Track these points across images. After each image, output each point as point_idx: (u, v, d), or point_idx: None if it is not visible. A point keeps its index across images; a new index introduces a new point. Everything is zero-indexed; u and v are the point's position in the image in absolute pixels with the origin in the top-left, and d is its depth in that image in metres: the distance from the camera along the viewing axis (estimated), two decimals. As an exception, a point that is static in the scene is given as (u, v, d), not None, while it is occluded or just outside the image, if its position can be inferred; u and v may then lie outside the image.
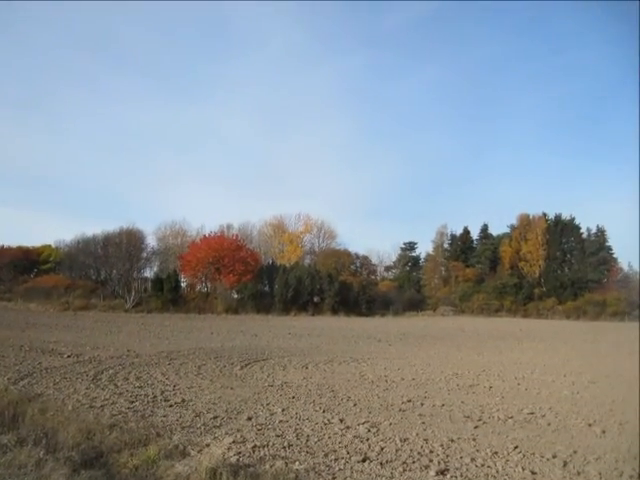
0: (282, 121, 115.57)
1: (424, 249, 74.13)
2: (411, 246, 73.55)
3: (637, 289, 51.10)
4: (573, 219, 65.64)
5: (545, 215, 66.25)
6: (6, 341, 17.37)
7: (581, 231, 65.85)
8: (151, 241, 58.90)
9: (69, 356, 14.48)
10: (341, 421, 7.87)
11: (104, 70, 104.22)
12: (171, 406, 8.62)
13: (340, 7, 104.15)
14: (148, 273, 57.42)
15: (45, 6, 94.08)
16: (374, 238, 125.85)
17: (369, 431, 7.30)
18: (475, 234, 72.90)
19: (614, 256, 64.35)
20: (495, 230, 72.97)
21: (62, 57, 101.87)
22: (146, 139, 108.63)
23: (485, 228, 72.52)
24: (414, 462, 5.95)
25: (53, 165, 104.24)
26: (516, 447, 6.64)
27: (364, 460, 5.92)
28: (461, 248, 70.08)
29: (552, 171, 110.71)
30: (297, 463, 5.70)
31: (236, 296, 50.55)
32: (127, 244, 52.51)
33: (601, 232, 66.19)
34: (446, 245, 71.63)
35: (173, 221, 62.02)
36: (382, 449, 6.43)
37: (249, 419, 7.81)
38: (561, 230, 64.59)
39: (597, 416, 8.67)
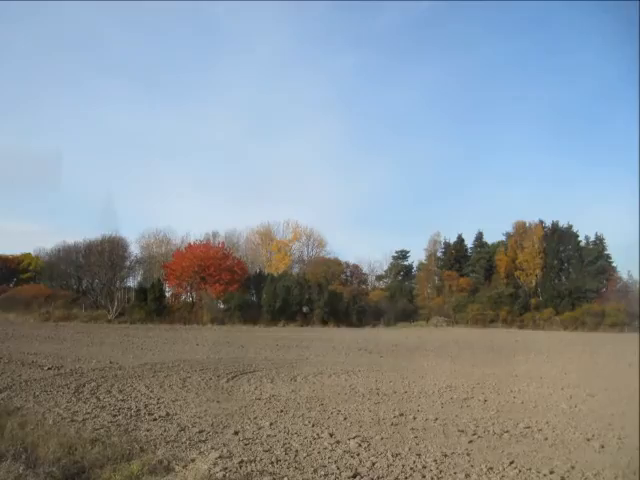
0: (270, 125, 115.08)
1: (417, 258, 73.13)
2: (403, 255, 72.40)
3: (637, 299, 50.39)
4: (571, 226, 65.01)
5: (542, 222, 65.43)
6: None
7: (579, 239, 65.01)
8: (134, 249, 58.59)
9: (50, 368, 14.16)
10: (331, 435, 7.70)
11: (90, 73, 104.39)
12: (155, 420, 8.41)
13: (330, 7, 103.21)
14: (131, 282, 57.22)
15: (32, 7, 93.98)
16: (365, 246, 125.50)
17: (360, 446, 7.13)
18: (469, 242, 71.71)
19: (613, 265, 63.44)
20: (490, 238, 71.88)
21: (48, 58, 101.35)
22: (131, 144, 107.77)
23: (480, 236, 71.26)
24: (406, 478, 5.86)
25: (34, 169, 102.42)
26: (512, 462, 6.51)
27: (355, 476, 5.81)
28: (455, 257, 69.15)
29: (549, 176, 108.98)
30: (285, 479, 5.61)
31: (222, 306, 50.14)
32: (109, 252, 51.78)
33: (600, 240, 64.91)
34: (439, 254, 70.79)
35: (157, 229, 61.81)
36: (373, 464, 6.30)
37: (236, 433, 7.63)
38: (558, 238, 63.72)
39: (596, 430, 8.53)
